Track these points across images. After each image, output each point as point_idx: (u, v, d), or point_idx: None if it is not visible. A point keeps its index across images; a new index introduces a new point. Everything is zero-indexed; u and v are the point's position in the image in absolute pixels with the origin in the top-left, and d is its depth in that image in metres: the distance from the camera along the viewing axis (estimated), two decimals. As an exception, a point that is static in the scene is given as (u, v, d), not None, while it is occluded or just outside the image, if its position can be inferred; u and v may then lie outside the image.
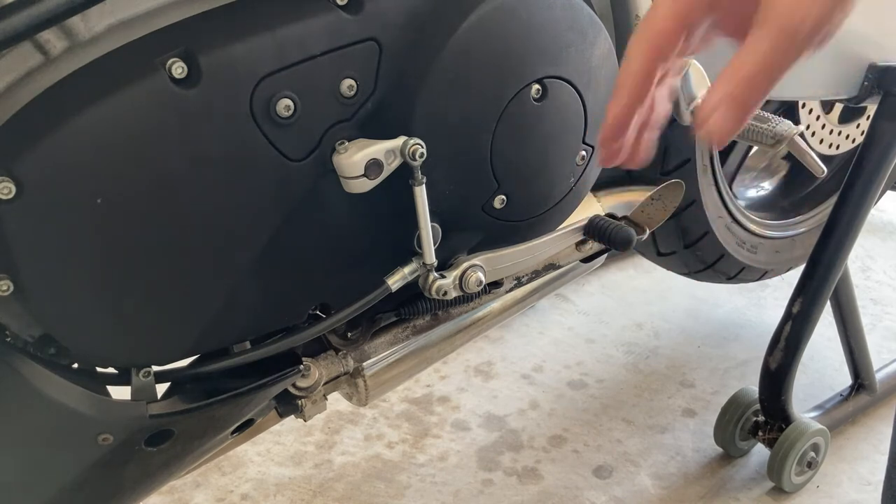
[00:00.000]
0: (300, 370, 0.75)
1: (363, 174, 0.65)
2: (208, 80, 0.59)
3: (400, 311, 0.83)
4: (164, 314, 0.64)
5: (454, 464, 1.32)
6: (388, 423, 1.40)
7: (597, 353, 1.60)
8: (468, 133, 0.71)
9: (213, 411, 0.70)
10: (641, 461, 1.33)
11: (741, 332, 1.65)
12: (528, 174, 0.77)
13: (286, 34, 0.61)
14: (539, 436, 1.38)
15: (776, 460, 1.24)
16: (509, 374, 1.53)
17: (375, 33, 0.65)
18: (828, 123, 1.39)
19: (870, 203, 1.20)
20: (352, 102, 0.66)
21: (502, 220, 0.78)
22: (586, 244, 0.89)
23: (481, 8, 0.68)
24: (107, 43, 0.59)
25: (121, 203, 0.58)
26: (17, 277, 0.57)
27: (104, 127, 0.56)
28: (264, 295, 0.68)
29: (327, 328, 0.74)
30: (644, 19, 0.50)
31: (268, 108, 0.62)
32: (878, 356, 1.44)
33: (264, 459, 1.32)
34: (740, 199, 1.46)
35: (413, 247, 0.73)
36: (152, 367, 0.67)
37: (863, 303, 1.44)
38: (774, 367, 1.25)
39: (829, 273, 1.22)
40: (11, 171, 0.54)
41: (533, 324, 1.68)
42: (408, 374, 0.90)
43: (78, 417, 0.62)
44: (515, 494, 1.27)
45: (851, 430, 1.39)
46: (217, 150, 0.61)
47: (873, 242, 1.97)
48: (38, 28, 0.53)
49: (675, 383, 1.52)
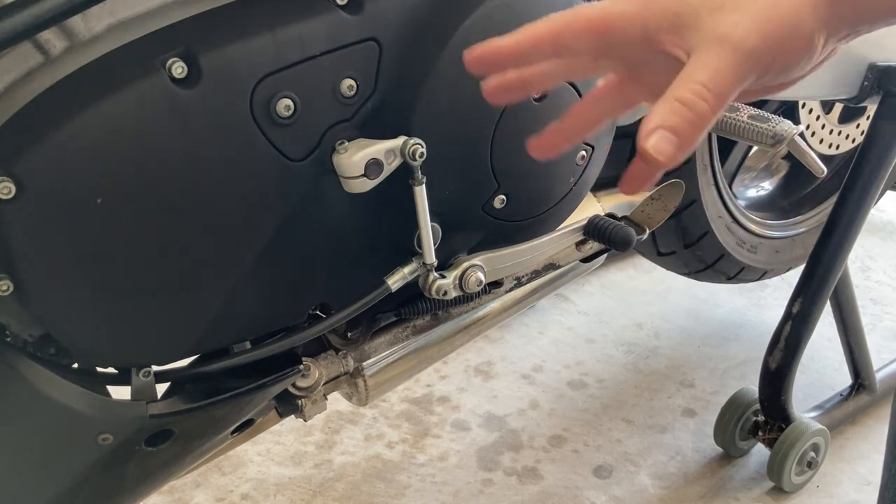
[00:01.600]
0: (300, 370, 0.75)
1: (363, 174, 0.65)
2: (208, 79, 0.59)
3: (400, 311, 0.83)
4: (164, 314, 0.64)
5: (454, 464, 1.32)
6: (388, 423, 1.40)
7: (597, 353, 1.60)
8: (468, 133, 0.71)
9: (213, 411, 0.70)
10: (641, 461, 1.33)
11: (741, 332, 1.65)
12: (527, 174, 0.77)
13: (286, 34, 0.61)
14: (539, 436, 1.38)
15: (776, 460, 1.24)
16: (509, 374, 1.53)
17: (375, 33, 0.65)
18: (828, 123, 1.39)
19: (870, 203, 1.20)
20: (352, 102, 0.66)
21: (502, 220, 0.78)
22: (586, 244, 0.89)
23: (481, 7, 0.68)
24: (107, 43, 0.59)
25: (121, 203, 0.58)
26: (17, 277, 0.57)
27: (104, 127, 0.56)
28: (264, 295, 0.68)
29: (327, 328, 0.74)
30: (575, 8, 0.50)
31: (268, 107, 0.62)
32: (878, 356, 1.44)
33: (264, 459, 1.32)
34: (740, 199, 1.46)
35: (413, 247, 0.73)
36: (152, 367, 0.67)
37: (863, 303, 1.44)
38: (774, 367, 1.25)
39: (829, 273, 1.22)
40: (11, 171, 0.54)
41: (533, 324, 1.68)
42: (408, 374, 0.90)
43: (78, 417, 0.62)
44: (515, 494, 1.27)
45: (851, 430, 1.39)
46: (217, 150, 0.61)
47: (873, 242, 1.97)
48: (38, 28, 0.53)
49: (675, 383, 1.51)
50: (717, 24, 0.45)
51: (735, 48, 0.45)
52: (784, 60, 0.46)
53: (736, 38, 0.45)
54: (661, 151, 0.44)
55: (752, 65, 0.45)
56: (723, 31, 0.45)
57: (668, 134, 0.44)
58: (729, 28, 0.45)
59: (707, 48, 0.45)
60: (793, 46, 0.46)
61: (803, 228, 1.48)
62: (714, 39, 0.45)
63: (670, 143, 0.44)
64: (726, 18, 0.45)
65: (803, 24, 0.46)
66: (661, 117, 0.44)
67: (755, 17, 0.45)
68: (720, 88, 0.45)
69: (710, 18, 0.46)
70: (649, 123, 0.44)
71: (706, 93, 0.44)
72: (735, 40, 0.45)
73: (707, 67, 0.45)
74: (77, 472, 0.65)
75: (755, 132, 0.91)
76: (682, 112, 0.44)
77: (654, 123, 0.44)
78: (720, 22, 0.45)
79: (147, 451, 0.67)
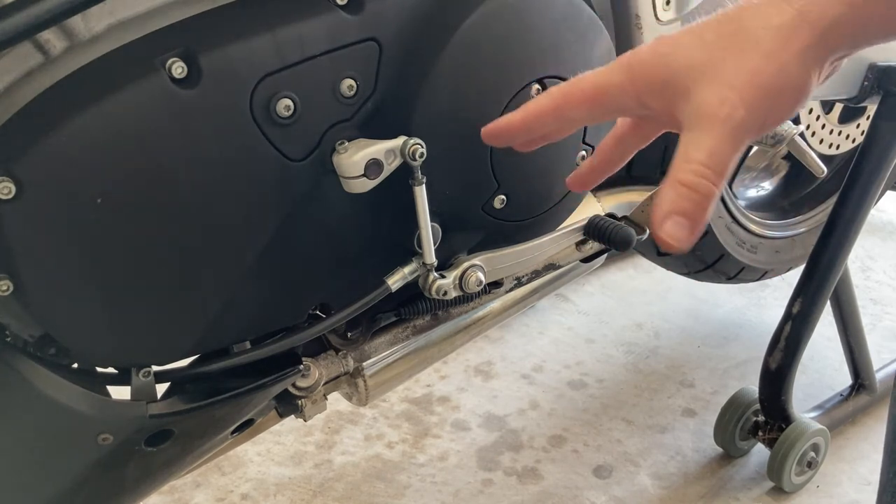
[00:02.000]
0: (300, 370, 0.75)
1: (363, 174, 0.65)
2: (208, 79, 0.59)
3: (400, 311, 0.83)
4: (164, 314, 0.64)
5: (454, 464, 1.32)
6: (388, 423, 1.40)
7: (597, 353, 1.60)
8: (468, 133, 0.71)
9: (213, 411, 0.70)
10: (641, 461, 1.33)
11: (741, 332, 1.65)
12: (528, 174, 0.77)
13: (286, 34, 0.61)
14: (539, 436, 1.38)
15: (776, 460, 1.24)
16: (509, 374, 1.53)
17: (375, 33, 0.65)
18: (828, 123, 1.39)
19: (870, 203, 1.20)
20: (352, 102, 0.66)
21: (502, 220, 0.78)
22: (586, 244, 0.89)
23: (481, 8, 0.68)
24: (107, 43, 0.59)
25: (121, 203, 0.58)
26: (17, 277, 0.57)
27: (104, 127, 0.56)
28: (264, 295, 0.68)
29: (327, 328, 0.74)
30: (573, 80, 0.54)
31: (268, 107, 0.62)
32: (878, 356, 1.44)
33: (264, 459, 1.32)
34: (740, 199, 1.46)
35: (413, 247, 0.73)
36: (152, 367, 0.67)
37: (863, 303, 1.44)
38: (774, 367, 1.25)
39: (829, 273, 1.22)
40: (11, 171, 0.54)
41: (533, 324, 1.68)
42: (408, 374, 0.90)
43: (78, 417, 0.62)
44: (515, 494, 1.27)
45: (851, 430, 1.39)
46: (217, 150, 0.61)
47: (873, 242, 1.97)
48: (38, 28, 0.53)
49: (675, 383, 1.52)
50: (703, 100, 0.46)
51: (724, 124, 0.45)
52: (777, 116, 0.47)
53: (724, 116, 0.45)
54: (676, 237, 0.46)
55: (745, 133, 0.46)
56: (710, 109, 0.46)
57: (680, 219, 0.46)
58: (715, 105, 0.46)
59: (698, 127, 0.46)
60: (783, 102, 0.46)
61: (803, 228, 1.47)
62: (703, 117, 0.46)
63: (683, 228, 0.46)
64: (712, 93, 0.46)
65: (791, 80, 0.46)
66: (670, 204, 0.46)
67: (739, 89, 0.45)
68: (719, 165, 0.46)
69: (697, 91, 0.46)
70: (660, 211, 0.46)
71: (707, 171, 0.45)
72: (723, 118, 0.45)
73: (702, 148, 0.46)
74: (77, 472, 0.65)
75: (755, 132, 0.91)
76: (689, 195, 0.46)
77: (665, 211, 0.46)
78: (706, 97, 0.46)
79: (147, 451, 0.67)
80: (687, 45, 0.48)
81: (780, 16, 0.46)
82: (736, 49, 0.46)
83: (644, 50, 0.51)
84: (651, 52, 0.50)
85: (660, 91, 0.49)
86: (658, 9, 0.85)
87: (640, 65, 0.50)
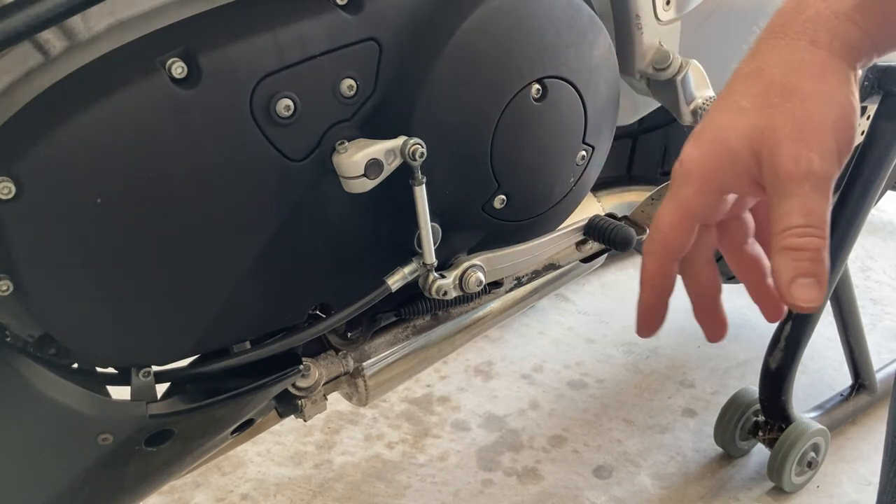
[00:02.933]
0: (300, 370, 0.75)
1: (363, 174, 0.65)
2: (208, 80, 0.59)
3: (400, 311, 0.83)
4: (164, 314, 0.64)
5: (454, 464, 1.32)
6: (388, 423, 1.40)
7: (597, 353, 1.60)
8: (468, 133, 0.71)
9: (213, 411, 0.70)
10: (641, 461, 1.33)
11: (741, 332, 1.65)
12: (528, 174, 0.77)
13: (286, 34, 0.61)
14: (539, 436, 1.38)
15: (776, 460, 1.24)
16: (509, 374, 1.53)
17: (375, 33, 0.65)
18: (828, 123, 1.39)
19: (870, 203, 1.20)
20: (352, 102, 0.66)
21: (502, 220, 0.78)
22: (586, 244, 0.88)
23: (481, 8, 0.67)
24: (107, 43, 0.59)
25: (121, 203, 0.58)
26: (17, 277, 0.57)
27: (104, 127, 0.56)
28: (264, 295, 0.68)
29: (327, 328, 0.74)
30: (653, 223, 0.51)
31: (268, 108, 0.62)
32: (878, 356, 1.44)
33: (264, 459, 1.32)
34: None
35: (413, 247, 0.73)
36: (152, 367, 0.67)
37: (863, 303, 1.44)
38: (774, 367, 1.25)
39: (830, 273, 1.21)
40: (11, 171, 0.54)
41: (533, 324, 1.68)
42: (408, 374, 0.90)
43: (78, 417, 0.62)
44: (515, 494, 1.27)
45: (851, 430, 1.39)
46: (217, 150, 0.61)
47: (873, 242, 1.97)
48: (38, 28, 0.53)
49: (675, 383, 1.52)
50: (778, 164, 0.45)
51: (807, 180, 0.44)
52: (846, 144, 0.46)
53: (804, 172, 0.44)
54: (807, 299, 0.45)
55: (829, 179, 0.45)
56: (787, 170, 0.44)
57: (804, 280, 0.45)
58: (791, 165, 0.44)
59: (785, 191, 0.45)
60: (843, 129, 0.46)
61: (803, 229, 1.47)
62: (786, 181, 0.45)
63: (812, 287, 0.45)
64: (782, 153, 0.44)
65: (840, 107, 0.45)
66: (789, 270, 0.45)
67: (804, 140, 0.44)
68: (819, 221, 0.45)
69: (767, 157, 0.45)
70: (782, 280, 0.45)
71: (812, 230, 0.45)
72: (804, 174, 0.44)
73: (796, 211, 0.45)
74: (77, 472, 0.65)
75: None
76: (801, 256, 0.45)
77: (787, 279, 0.45)
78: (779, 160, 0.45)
79: (147, 451, 0.67)
80: (730, 121, 0.47)
81: (798, 53, 0.46)
82: (777, 103, 0.45)
83: (691, 150, 0.49)
84: (698, 146, 0.48)
85: (733, 173, 0.47)
86: (658, 8, 0.85)
87: (698, 163, 0.48)
